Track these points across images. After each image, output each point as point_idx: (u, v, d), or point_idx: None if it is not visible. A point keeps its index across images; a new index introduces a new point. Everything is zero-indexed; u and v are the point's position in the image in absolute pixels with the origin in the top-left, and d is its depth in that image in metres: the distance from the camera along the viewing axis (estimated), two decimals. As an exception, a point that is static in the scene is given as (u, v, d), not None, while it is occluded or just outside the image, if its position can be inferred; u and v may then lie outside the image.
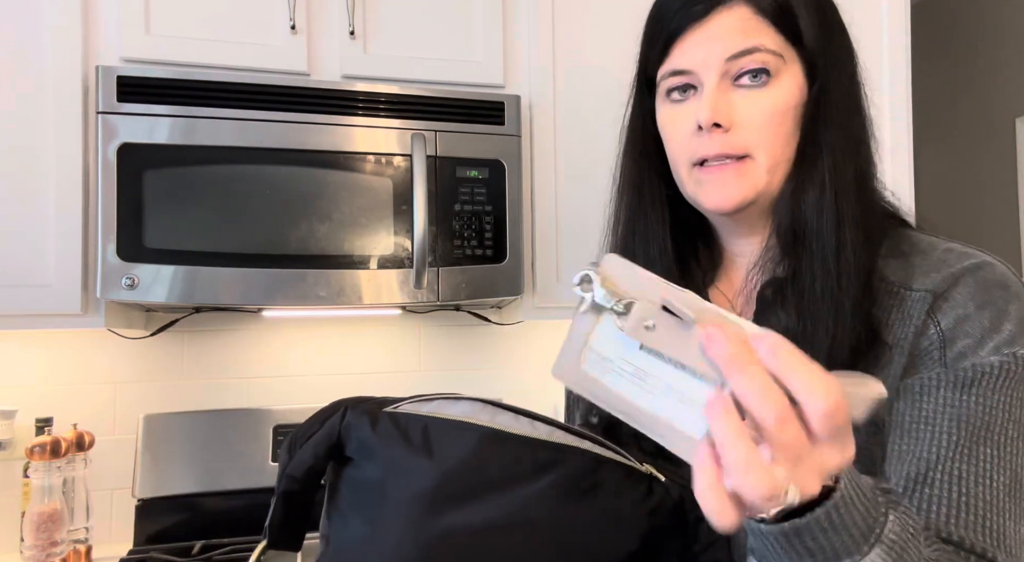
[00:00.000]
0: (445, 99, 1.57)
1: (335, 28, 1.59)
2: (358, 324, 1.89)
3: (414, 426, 0.59)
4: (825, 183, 0.66)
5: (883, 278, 0.66)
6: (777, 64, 0.66)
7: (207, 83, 1.45)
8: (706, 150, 0.68)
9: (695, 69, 0.68)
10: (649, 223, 0.75)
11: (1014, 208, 2.95)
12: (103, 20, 1.48)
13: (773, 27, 0.67)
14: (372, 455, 0.59)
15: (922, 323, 0.63)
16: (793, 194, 0.67)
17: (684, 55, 0.69)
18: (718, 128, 0.66)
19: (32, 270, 1.41)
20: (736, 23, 0.66)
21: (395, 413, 0.60)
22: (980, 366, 0.61)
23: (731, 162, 0.67)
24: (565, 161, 1.71)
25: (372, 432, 0.59)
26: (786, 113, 0.67)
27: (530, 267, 1.68)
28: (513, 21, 1.71)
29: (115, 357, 1.73)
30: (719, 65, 0.67)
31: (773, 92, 0.66)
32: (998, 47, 3.04)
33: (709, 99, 0.66)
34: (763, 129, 0.66)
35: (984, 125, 3.11)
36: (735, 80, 0.67)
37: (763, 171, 0.67)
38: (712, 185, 0.68)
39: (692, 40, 0.68)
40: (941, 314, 0.63)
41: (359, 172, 1.51)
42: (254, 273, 1.44)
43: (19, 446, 1.59)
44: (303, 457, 0.60)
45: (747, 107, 0.66)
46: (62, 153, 1.43)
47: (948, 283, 0.64)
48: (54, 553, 1.40)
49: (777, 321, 0.66)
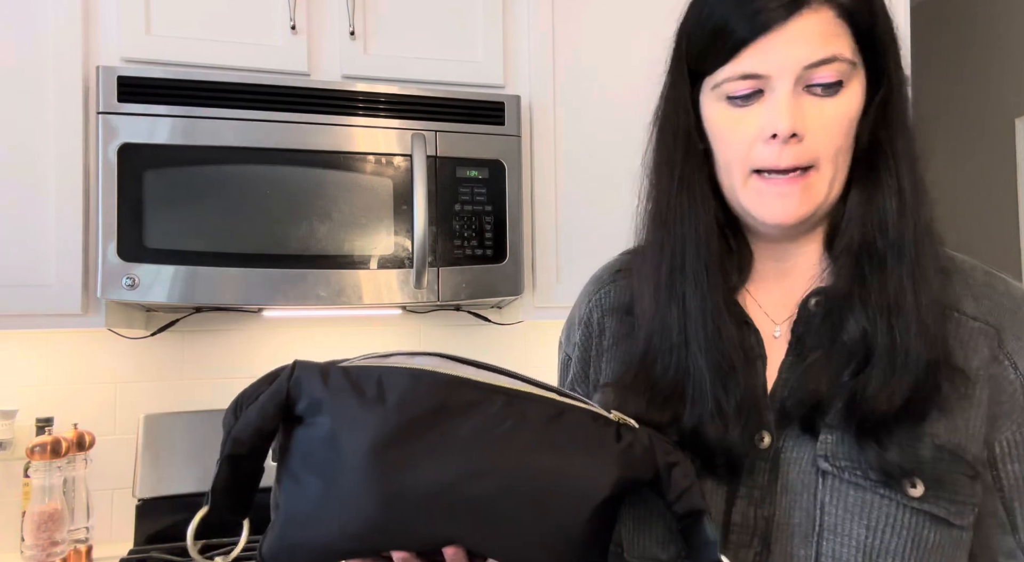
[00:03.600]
0: (445, 99, 1.57)
1: (335, 28, 1.60)
2: (358, 324, 1.89)
3: (367, 378, 0.56)
4: (905, 193, 0.64)
5: None
6: (849, 72, 0.63)
7: (207, 83, 1.45)
8: (776, 160, 0.64)
9: (771, 74, 0.63)
10: (696, 226, 0.70)
11: (1014, 208, 2.95)
12: (103, 20, 1.48)
13: (851, 32, 0.64)
14: (323, 410, 0.55)
15: (991, 359, 0.63)
16: (866, 205, 0.65)
17: (757, 57, 0.63)
18: (794, 138, 0.63)
19: (33, 270, 1.41)
20: (818, 27, 0.62)
21: (347, 366, 0.57)
22: None
23: (798, 174, 0.64)
24: (565, 161, 1.71)
25: (323, 386, 0.55)
26: (852, 123, 0.64)
27: (530, 267, 1.69)
28: (513, 21, 1.72)
29: (115, 357, 1.73)
30: (796, 72, 0.62)
31: (842, 101, 0.63)
32: (997, 47, 3.04)
33: (786, 107, 0.62)
34: (831, 139, 0.64)
35: (983, 125, 3.11)
36: (806, 87, 0.63)
37: (825, 183, 0.65)
38: (775, 199, 0.65)
39: (768, 43, 0.62)
40: (1018, 356, 0.63)
41: (359, 172, 1.51)
42: (254, 273, 1.44)
43: (20, 446, 1.59)
44: (249, 417, 0.56)
45: (817, 116, 0.63)
46: (62, 153, 1.43)
47: (1006, 318, 0.64)
48: (54, 553, 1.40)
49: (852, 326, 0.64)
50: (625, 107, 1.71)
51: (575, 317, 0.85)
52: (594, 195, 1.72)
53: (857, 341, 0.63)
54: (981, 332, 0.63)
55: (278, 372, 0.58)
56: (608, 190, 1.70)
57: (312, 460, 0.56)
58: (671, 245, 0.70)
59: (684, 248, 0.69)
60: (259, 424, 0.56)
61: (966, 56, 3.19)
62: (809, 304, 0.68)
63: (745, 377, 0.66)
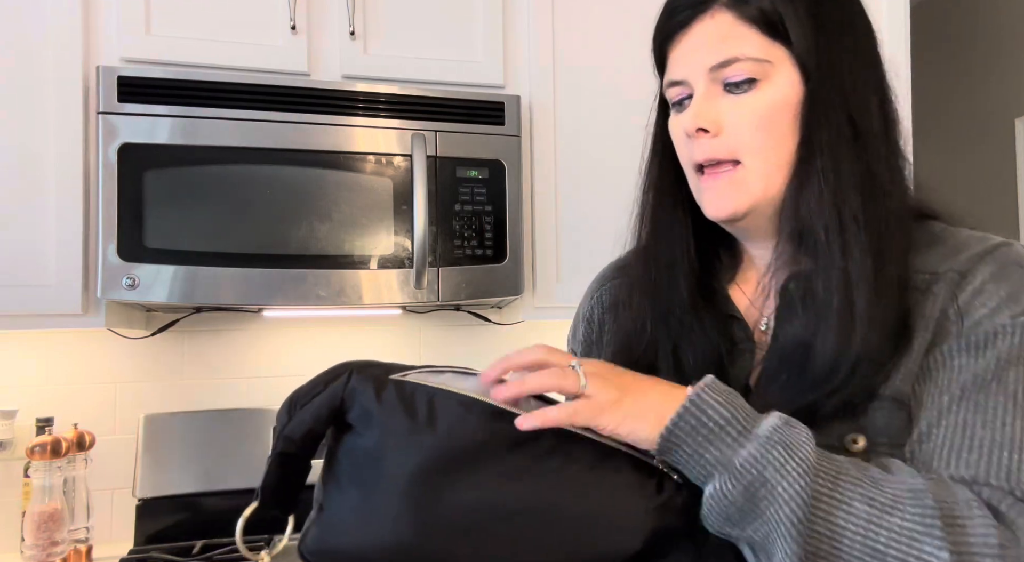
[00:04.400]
0: (445, 99, 1.57)
1: (335, 28, 1.60)
2: (358, 324, 1.89)
3: (420, 397, 0.56)
4: (821, 185, 0.65)
5: (916, 270, 0.66)
6: (763, 70, 0.66)
7: (207, 83, 1.45)
8: (697, 155, 0.69)
9: (686, 78, 0.69)
10: (672, 225, 0.75)
11: (1013, 208, 2.95)
12: (103, 20, 1.48)
13: (758, 32, 0.66)
14: (373, 424, 0.56)
15: (946, 303, 0.63)
16: (793, 197, 0.67)
17: (675, 66, 0.70)
18: (705, 133, 0.67)
19: (33, 270, 1.41)
20: (717, 31, 0.67)
21: (402, 381, 0.58)
22: (994, 327, 0.60)
23: (725, 169, 0.68)
24: (565, 161, 1.71)
25: (376, 400, 0.56)
26: (775, 116, 0.66)
27: (530, 267, 1.69)
28: (513, 21, 1.72)
29: (115, 357, 1.73)
30: (704, 74, 0.68)
31: (760, 96, 0.66)
32: (997, 47, 3.04)
33: (695, 106, 0.68)
34: (751, 133, 0.67)
35: (983, 125, 3.11)
36: (725, 86, 0.67)
37: (756, 177, 0.67)
38: (709, 193, 0.69)
39: (679, 50, 0.70)
40: (960, 291, 0.63)
41: (359, 172, 1.51)
42: (254, 273, 1.44)
43: (20, 446, 1.59)
44: (303, 418, 0.57)
45: (734, 112, 0.67)
46: (63, 153, 1.43)
47: (971, 263, 0.64)
48: (55, 553, 1.40)
49: (797, 320, 0.65)
50: (625, 107, 1.71)
51: (580, 314, 0.88)
52: (594, 195, 1.72)
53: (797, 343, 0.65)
54: (948, 281, 0.64)
55: (335, 374, 0.59)
56: (608, 190, 1.70)
57: (357, 471, 0.57)
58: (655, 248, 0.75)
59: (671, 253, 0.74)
60: (312, 425, 0.58)
61: (966, 56, 3.19)
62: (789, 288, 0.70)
63: (731, 367, 0.69)
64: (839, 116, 0.66)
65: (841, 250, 0.64)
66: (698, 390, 0.57)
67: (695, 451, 0.55)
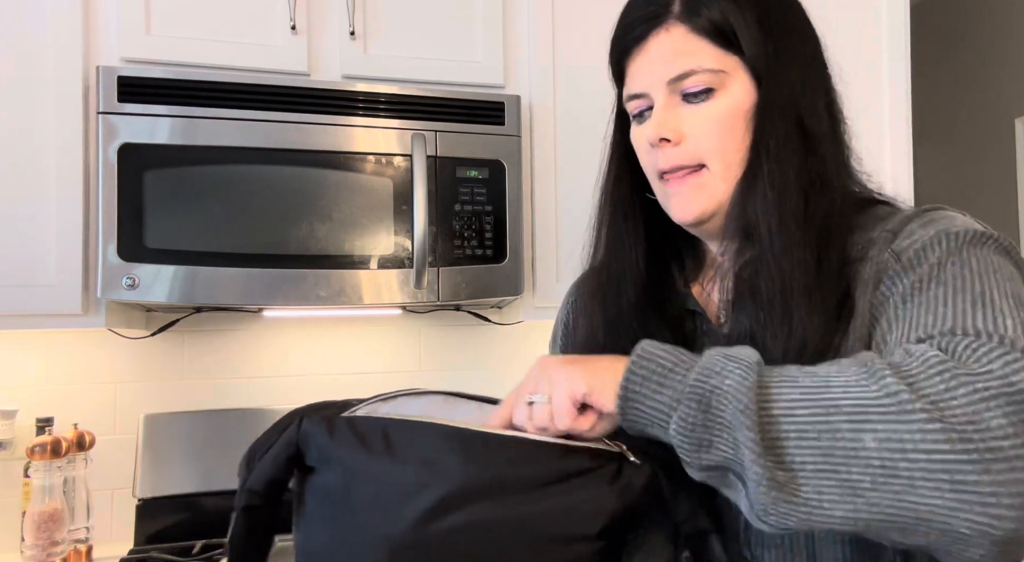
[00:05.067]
0: (445, 99, 1.57)
1: (335, 28, 1.60)
2: (358, 324, 1.89)
3: (372, 430, 0.58)
4: (765, 186, 0.68)
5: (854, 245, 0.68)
6: (719, 80, 0.69)
7: (207, 83, 1.45)
8: (662, 163, 0.71)
9: (646, 91, 0.72)
10: (623, 237, 0.78)
11: (1014, 208, 2.95)
12: (103, 20, 1.48)
13: (711, 43, 0.69)
14: (332, 461, 0.58)
15: (881, 257, 0.66)
16: (740, 197, 0.70)
17: (633, 79, 0.73)
18: (668, 142, 0.70)
19: (33, 270, 1.41)
20: (672, 45, 0.70)
21: (352, 418, 0.59)
22: (923, 245, 0.63)
23: (689, 174, 0.71)
24: (565, 161, 1.71)
25: (330, 439, 0.58)
26: (733, 121, 0.69)
27: (530, 267, 1.69)
28: (513, 21, 1.72)
29: (115, 357, 1.73)
30: (663, 87, 0.71)
31: (717, 104, 0.69)
32: (998, 47, 3.04)
33: (656, 117, 0.71)
34: (712, 138, 0.69)
35: (984, 125, 3.11)
36: (683, 96, 0.70)
37: (719, 180, 0.70)
38: (675, 198, 0.72)
39: (637, 64, 0.73)
40: (895, 245, 0.66)
41: (359, 172, 1.51)
42: (254, 273, 1.44)
43: (20, 446, 1.59)
44: (263, 468, 0.59)
45: (694, 121, 0.70)
46: (63, 153, 1.43)
47: (903, 223, 0.67)
48: (55, 553, 1.40)
49: (746, 312, 0.68)
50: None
51: (558, 319, 0.93)
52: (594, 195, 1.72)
53: (745, 335, 0.67)
54: (883, 240, 0.67)
55: (286, 422, 0.61)
56: (608, 190, 1.70)
57: (325, 507, 0.58)
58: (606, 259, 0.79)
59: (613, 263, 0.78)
60: (272, 474, 0.59)
61: (966, 56, 3.19)
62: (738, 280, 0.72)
63: None
64: (788, 119, 0.69)
65: (782, 247, 0.66)
66: (642, 344, 0.59)
67: (652, 398, 0.56)
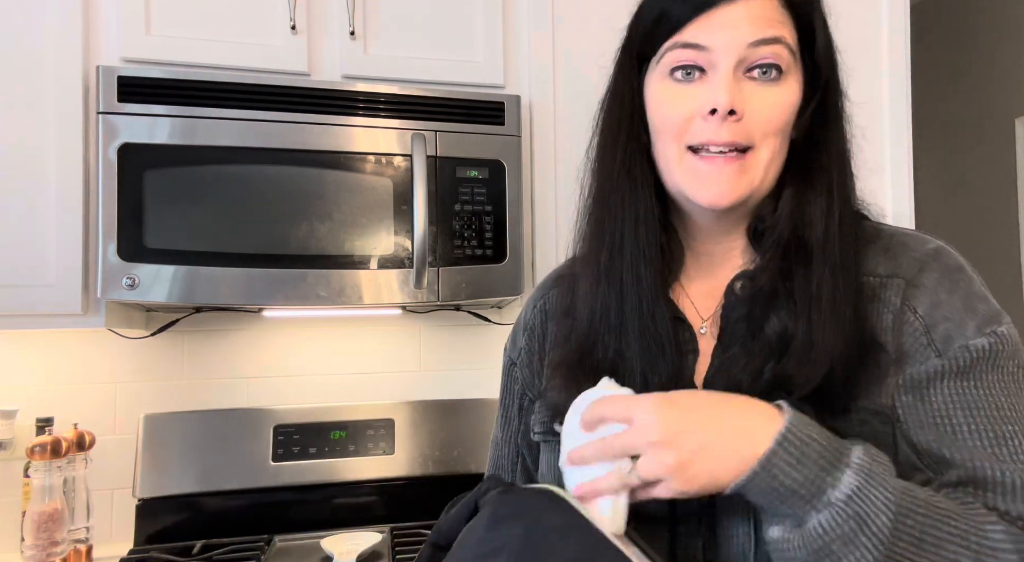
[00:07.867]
0: (445, 99, 1.57)
1: (335, 28, 1.60)
2: (358, 324, 1.89)
3: None
4: (834, 193, 0.66)
5: (863, 273, 0.67)
6: (789, 62, 0.66)
7: (207, 83, 1.45)
8: (713, 136, 0.65)
9: (714, 47, 0.65)
10: (641, 212, 0.70)
11: (1013, 208, 2.95)
12: (103, 20, 1.48)
13: (793, 24, 0.67)
14: None
15: (899, 310, 0.64)
16: (796, 201, 0.67)
17: (704, 31, 0.65)
18: (732, 116, 0.64)
19: (33, 270, 1.41)
20: (763, 11, 0.65)
21: None
22: (972, 348, 0.62)
23: (734, 155, 0.65)
24: (565, 161, 1.71)
25: None
26: (790, 112, 0.67)
27: (530, 267, 1.69)
28: (513, 21, 1.72)
29: (115, 357, 1.73)
30: (740, 49, 0.64)
31: (782, 89, 0.66)
32: (997, 47, 3.04)
33: (727, 85, 0.64)
34: (770, 123, 0.65)
35: (984, 125, 3.11)
36: (746, 71, 0.66)
37: (761, 167, 0.66)
38: (709, 178, 0.66)
39: (718, 19, 0.65)
40: (916, 302, 0.64)
41: (359, 172, 1.51)
42: (254, 273, 1.44)
43: (20, 446, 1.59)
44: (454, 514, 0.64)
45: (756, 100, 0.65)
46: (63, 153, 1.43)
47: (915, 269, 0.66)
48: (55, 553, 1.40)
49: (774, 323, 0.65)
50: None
51: (521, 322, 0.87)
52: (594, 195, 1.72)
53: (778, 335, 0.65)
54: (896, 287, 0.65)
55: None
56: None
57: None
58: (611, 226, 0.71)
59: (623, 229, 0.70)
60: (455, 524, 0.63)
61: (966, 56, 3.19)
62: (735, 288, 0.70)
63: (676, 367, 0.68)
64: (842, 128, 0.68)
65: (841, 256, 0.65)
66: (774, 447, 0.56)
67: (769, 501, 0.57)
